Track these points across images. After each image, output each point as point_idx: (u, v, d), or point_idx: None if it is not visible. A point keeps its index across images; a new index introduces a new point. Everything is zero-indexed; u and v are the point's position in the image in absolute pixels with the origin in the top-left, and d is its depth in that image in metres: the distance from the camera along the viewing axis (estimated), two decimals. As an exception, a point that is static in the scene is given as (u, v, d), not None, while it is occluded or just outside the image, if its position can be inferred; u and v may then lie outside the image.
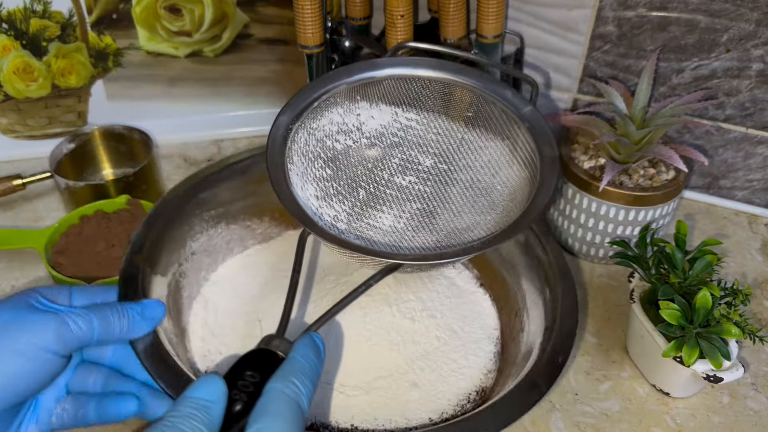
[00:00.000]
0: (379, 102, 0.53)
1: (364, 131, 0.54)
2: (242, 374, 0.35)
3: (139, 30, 0.76)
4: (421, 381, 0.52)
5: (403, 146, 0.54)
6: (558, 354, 0.47)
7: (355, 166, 0.53)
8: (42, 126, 0.80)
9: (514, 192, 0.49)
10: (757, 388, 0.57)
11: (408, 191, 0.54)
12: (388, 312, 0.56)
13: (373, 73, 0.52)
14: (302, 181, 0.49)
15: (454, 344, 0.55)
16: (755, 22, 0.63)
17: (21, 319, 0.39)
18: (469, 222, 0.49)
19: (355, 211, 0.51)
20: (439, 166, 0.53)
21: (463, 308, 0.58)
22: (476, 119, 0.52)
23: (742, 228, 0.72)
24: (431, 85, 0.52)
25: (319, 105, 0.50)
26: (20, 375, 0.39)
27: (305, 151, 0.50)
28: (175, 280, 0.56)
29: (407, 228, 0.51)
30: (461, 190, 0.52)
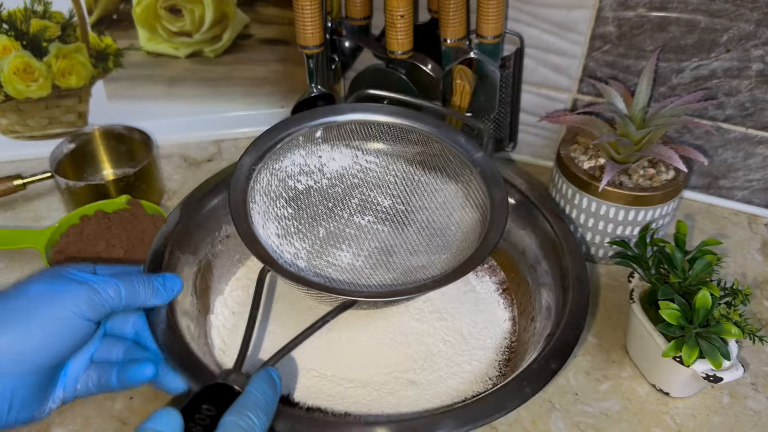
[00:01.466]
0: (340, 145, 0.55)
1: (325, 172, 0.56)
2: (199, 408, 0.36)
3: (140, 30, 0.76)
4: (420, 380, 0.53)
5: (363, 187, 0.56)
6: (552, 361, 0.47)
7: (316, 206, 0.55)
8: (42, 126, 0.80)
9: (467, 233, 0.51)
10: (757, 388, 0.57)
11: (367, 230, 0.56)
12: (397, 311, 0.56)
13: (335, 118, 0.54)
14: (264, 220, 0.51)
15: (460, 348, 0.55)
16: (755, 22, 0.63)
17: (56, 287, 0.43)
18: (425, 261, 0.52)
19: (315, 248, 0.53)
20: (396, 206, 0.56)
21: (476, 315, 0.58)
22: (432, 163, 0.54)
23: (742, 228, 0.72)
24: (390, 131, 0.55)
25: (282, 146, 0.52)
26: (57, 339, 0.43)
27: (267, 190, 0.52)
28: (207, 261, 0.58)
29: (365, 266, 0.53)
30: (417, 230, 0.54)
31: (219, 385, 0.38)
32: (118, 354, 0.50)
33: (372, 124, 0.55)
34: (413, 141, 0.55)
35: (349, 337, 0.55)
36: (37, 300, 0.43)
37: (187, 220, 0.56)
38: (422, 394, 0.52)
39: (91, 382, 0.49)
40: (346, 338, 0.55)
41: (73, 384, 0.48)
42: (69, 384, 0.48)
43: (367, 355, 0.54)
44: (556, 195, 0.67)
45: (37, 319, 0.42)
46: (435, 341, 0.55)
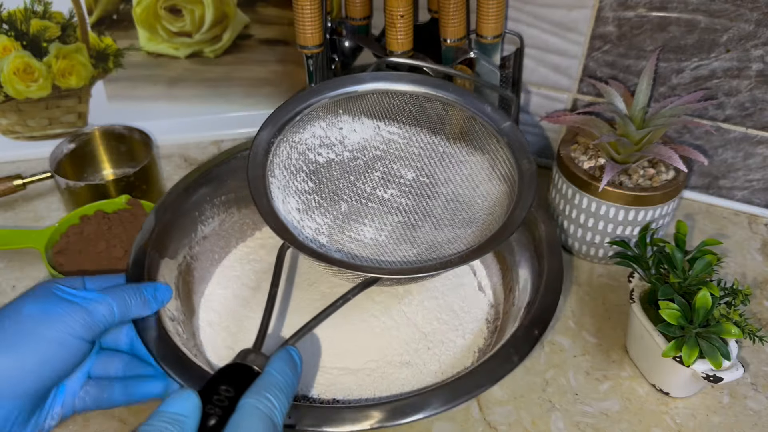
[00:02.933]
0: (362, 116, 0.54)
1: (347, 144, 0.54)
2: (217, 389, 0.35)
3: (140, 31, 0.76)
4: (414, 360, 0.54)
5: (385, 159, 0.54)
6: (535, 327, 0.48)
7: (338, 179, 0.53)
8: (42, 127, 0.80)
9: (494, 206, 0.49)
10: (757, 388, 0.57)
11: (390, 204, 0.54)
12: (386, 297, 0.57)
13: (356, 88, 0.52)
14: (284, 195, 0.49)
15: (453, 324, 0.57)
16: (755, 23, 0.63)
17: (50, 309, 0.43)
18: (450, 235, 0.50)
19: (337, 224, 0.52)
20: (420, 179, 0.54)
21: (462, 289, 0.60)
22: (457, 134, 0.52)
23: (742, 228, 0.72)
24: (413, 100, 0.53)
25: (302, 119, 0.51)
26: (53, 360, 0.43)
27: (287, 164, 0.50)
28: (186, 263, 0.58)
29: (388, 241, 0.52)
30: (442, 204, 0.52)
31: (238, 366, 0.37)
32: (117, 369, 0.50)
33: (394, 94, 0.53)
34: (437, 110, 0.53)
35: (337, 327, 0.55)
36: (30, 321, 0.43)
37: (162, 224, 0.57)
38: (417, 374, 0.53)
39: (90, 397, 0.49)
40: (334, 328, 0.55)
41: (71, 400, 0.48)
42: (67, 400, 0.48)
43: (357, 343, 0.54)
44: (555, 195, 0.67)
45: (32, 341, 0.42)
46: (428, 320, 0.56)
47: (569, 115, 0.66)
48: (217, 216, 0.63)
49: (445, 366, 0.54)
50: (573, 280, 0.66)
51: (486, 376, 0.45)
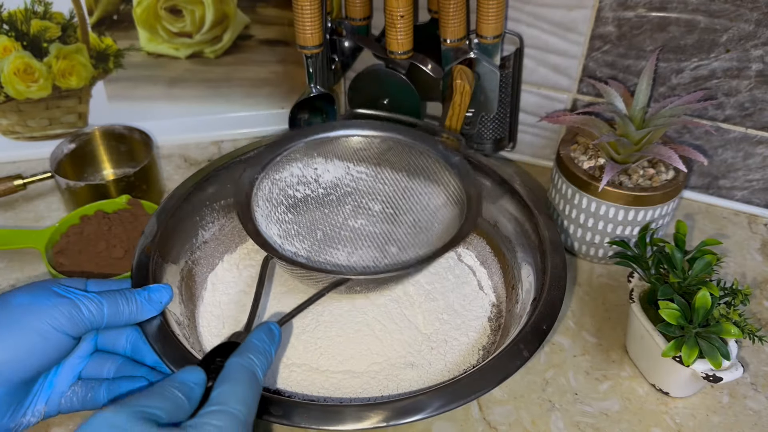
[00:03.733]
0: (333, 158, 0.62)
1: (321, 182, 0.62)
2: (214, 360, 0.43)
3: (140, 31, 0.76)
4: (418, 361, 0.54)
5: (355, 194, 0.63)
6: (543, 322, 0.49)
7: (314, 212, 0.62)
8: (43, 127, 0.80)
9: (448, 227, 0.57)
10: (757, 388, 0.57)
11: (360, 232, 0.62)
12: (386, 302, 0.58)
13: (327, 134, 0.61)
14: (266, 222, 0.57)
15: (455, 323, 0.58)
16: (755, 23, 0.63)
17: (39, 301, 0.44)
18: (413, 255, 0.58)
19: (314, 248, 0.60)
20: (386, 210, 0.62)
21: (463, 288, 0.61)
22: (416, 170, 0.60)
23: (742, 228, 0.72)
24: (377, 143, 0.61)
25: (281, 159, 0.59)
26: (35, 351, 0.44)
27: (269, 197, 0.58)
28: (188, 268, 0.59)
29: (360, 262, 0.59)
30: (405, 230, 0.60)
31: (229, 342, 0.45)
32: (110, 371, 0.50)
33: (360, 137, 0.61)
34: (398, 151, 0.61)
35: (339, 332, 0.56)
36: (17, 311, 0.43)
37: (164, 229, 0.57)
38: (422, 375, 0.54)
39: (77, 398, 0.49)
40: (336, 333, 0.55)
41: (57, 399, 0.49)
42: (53, 399, 0.48)
43: (360, 347, 0.55)
44: (555, 195, 0.67)
45: (17, 330, 0.43)
46: (430, 321, 0.58)
47: (569, 115, 0.66)
48: (217, 221, 0.63)
49: (450, 365, 0.55)
50: (573, 280, 0.66)
51: (497, 372, 0.46)
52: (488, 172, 0.63)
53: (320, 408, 0.44)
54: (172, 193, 0.60)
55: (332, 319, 0.56)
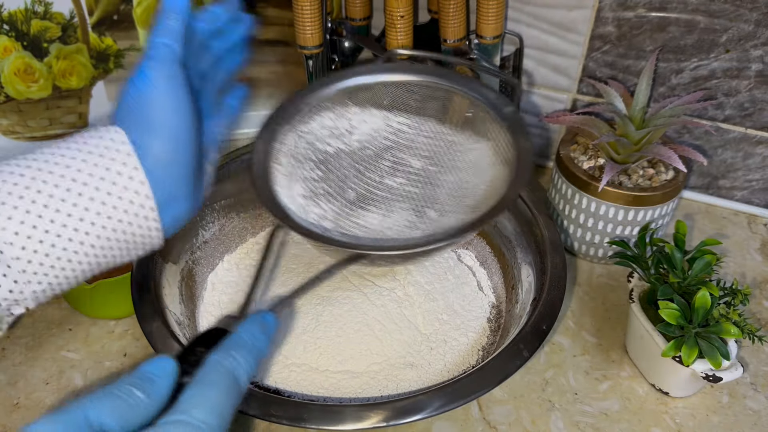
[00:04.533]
0: (370, 107, 0.54)
1: (356, 135, 0.54)
2: (194, 350, 0.37)
3: (140, 31, 0.76)
4: (418, 361, 0.54)
5: (394, 149, 0.55)
6: (543, 322, 0.49)
7: (346, 168, 0.54)
8: (43, 127, 0.80)
9: (495, 190, 0.49)
10: (757, 388, 0.57)
11: (397, 192, 0.54)
12: (385, 301, 0.58)
13: (364, 79, 0.53)
14: (288, 181, 0.50)
15: (455, 323, 0.58)
16: (754, 23, 0.63)
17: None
18: (454, 222, 0.50)
19: (344, 210, 0.52)
20: (428, 168, 0.54)
21: (462, 288, 0.61)
22: (463, 122, 0.53)
23: (742, 228, 0.73)
24: (420, 90, 0.54)
25: (310, 109, 0.52)
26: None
27: (294, 153, 0.51)
28: (189, 268, 0.59)
29: (393, 226, 0.52)
30: (448, 191, 0.53)
31: (215, 329, 0.39)
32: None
33: (402, 84, 0.54)
34: (443, 99, 0.54)
35: (339, 332, 0.55)
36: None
37: None
38: (422, 375, 0.53)
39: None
40: (336, 333, 0.55)
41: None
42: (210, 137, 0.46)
43: (359, 348, 0.55)
44: (555, 195, 0.67)
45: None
46: (429, 321, 0.57)
47: (569, 115, 0.66)
48: (217, 221, 0.63)
49: (450, 365, 0.55)
50: (573, 280, 0.66)
51: (497, 372, 0.46)
52: None
53: (320, 408, 0.44)
54: None
55: (332, 319, 0.56)
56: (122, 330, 0.61)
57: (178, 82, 0.41)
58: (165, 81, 0.41)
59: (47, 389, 0.56)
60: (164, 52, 0.41)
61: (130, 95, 0.41)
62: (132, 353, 0.59)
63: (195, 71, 0.45)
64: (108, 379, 0.56)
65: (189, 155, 0.42)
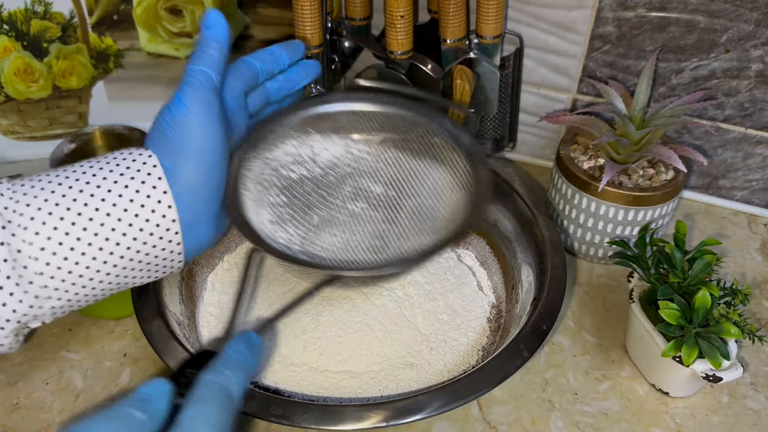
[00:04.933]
0: (332, 135, 0.56)
1: (318, 162, 0.56)
2: (184, 372, 0.38)
3: (140, 31, 0.76)
4: (418, 361, 0.54)
5: (355, 175, 0.57)
6: (543, 322, 0.49)
7: (310, 194, 0.56)
8: (43, 127, 0.80)
9: (455, 213, 0.51)
10: (757, 388, 0.57)
11: (359, 216, 0.56)
12: (385, 302, 0.58)
13: (325, 108, 0.55)
14: (257, 207, 0.51)
15: (455, 323, 0.58)
16: (754, 23, 0.63)
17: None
18: (416, 244, 0.52)
19: (309, 235, 0.54)
20: (388, 193, 0.56)
21: (462, 288, 0.61)
22: (421, 149, 0.55)
23: (742, 228, 0.73)
24: (379, 118, 0.55)
25: (274, 137, 0.53)
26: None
27: (260, 179, 0.52)
28: (188, 267, 0.59)
29: (358, 250, 0.54)
30: (409, 215, 0.54)
31: (204, 351, 0.40)
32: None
33: (361, 114, 0.56)
34: (402, 128, 0.56)
35: (339, 332, 0.56)
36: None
37: None
38: (422, 375, 0.53)
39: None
40: (336, 333, 0.55)
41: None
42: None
43: (359, 348, 0.55)
44: (555, 195, 0.67)
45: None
46: (429, 321, 0.57)
47: (569, 115, 0.66)
48: None
49: (450, 365, 0.55)
50: (573, 280, 0.66)
51: (498, 372, 0.46)
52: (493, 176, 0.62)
53: (320, 408, 0.44)
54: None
55: (332, 319, 0.56)
56: (122, 330, 0.61)
57: (213, 110, 0.43)
58: (200, 108, 0.42)
59: (47, 389, 0.56)
60: (201, 78, 0.43)
61: (165, 120, 0.42)
62: (132, 353, 0.59)
63: (237, 102, 0.48)
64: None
65: (217, 181, 0.43)
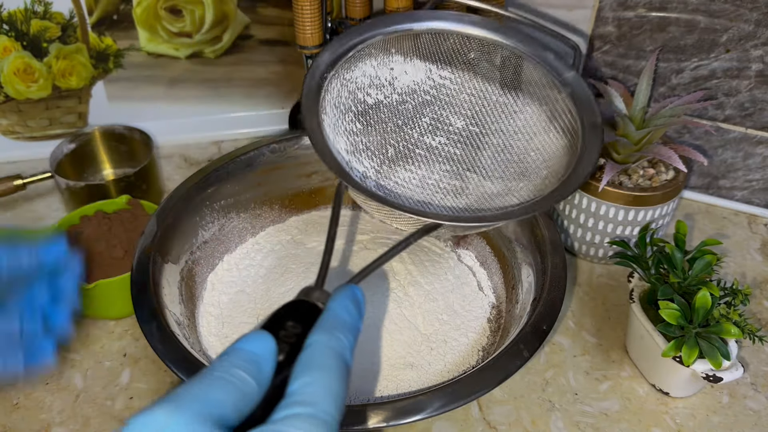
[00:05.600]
0: (414, 57, 0.51)
1: (396, 87, 0.51)
2: (284, 324, 0.32)
3: (140, 31, 0.76)
4: (418, 362, 0.54)
5: (435, 105, 0.52)
6: (543, 322, 0.49)
7: (385, 122, 0.51)
8: (42, 127, 0.80)
9: (549, 160, 0.47)
10: (757, 388, 0.57)
11: (437, 152, 0.52)
12: (385, 302, 0.58)
13: (411, 25, 0.49)
14: (334, 134, 0.47)
15: (455, 324, 0.57)
16: (754, 23, 0.63)
17: None
18: (500, 188, 0.48)
19: (383, 168, 0.50)
20: (470, 128, 0.51)
21: (462, 288, 0.61)
22: (514, 81, 0.50)
23: (742, 228, 0.73)
24: (469, 43, 0.50)
25: (354, 55, 0.48)
26: None
27: (338, 102, 0.48)
28: (188, 268, 0.59)
29: (436, 190, 0.50)
30: (492, 155, 0.50)
31: (302, 302, 0.35)
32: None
33: (451, 35, 0.50)
34: (495, 55, 0.50)
35: None
36: None
37: (164, 229, 0.57)
38: (422, 375, 0.53)
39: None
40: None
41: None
42: None
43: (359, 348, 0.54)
44: (555, 195, 0.67)
45: None
46: (430, 321, 0.57)
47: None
48: (217, 221, 0.63)
49: (450, 365, 0.55)
50: (573, 280, 0.66)
51: (497, 372, 0.46)
52: None
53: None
54: (171, 193, 0.60)
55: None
56: (122, 330, 0.61)
57: None
58: None
59: (47, 389, 0.56)
60: None
61: None
62: (132, 353, 0.59)
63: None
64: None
65: None
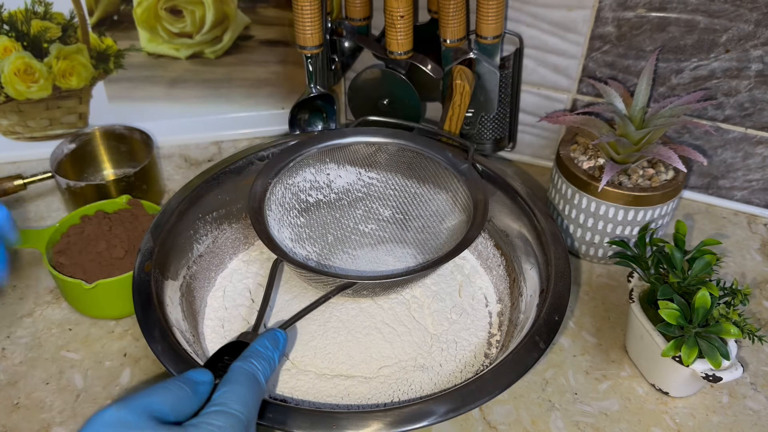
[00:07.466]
0: (346, 164, 0.63)
1: (333, 188, 0.64)
2: (222, 358, 0.45)
3: (140, 31, 0.76)
4: (429, 363, 0.55)
5: (366, 200, 0.65)
6: (554, 313, 0.50)
7: (325, 216, 0.63)
8: (43, 127, 0.80)
9: (455, 233, 0.58)
10: (756, 388, 0.57)
11: (370, 237, 0.64)
12: (394, 305, 0.58)
13: (340, 141, 0.62)
14: (279, 226, 0.58)
15: (464, 323, 0.58)
16: (754, 23, 0.63)
17: None
18: (421, 261, 0.60)
19: (324, 252, 0.62)
20: (395, 216, 0.64)
21: (469, 287, 0.62)
22: (425, 177, 0.62)
23: (741, 228, 0.73)
24: (388, 150, 0.63)
25: (294, 165, 0.60)
26: None
27: (282, 201, 0.60)
28: (186, 283, 0.59)
29: (368, 266, 0.61)
30: (414, 235, 0.62)
31: (238, 342, 0.46)
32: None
33: (372, 145, 0.63)
34: (408, 158, 0.62)
35: (348, 337, 0.55)
36: None
37: (161, 245, 0.56)
38: (434, 377, 0.54)
39: None
40: (345, 338, 0.55)
41: None
42: None
43: (369, 352, 0.55)
44: (555, 195, 0.67)
45: None
46: (439, 321, 0.58)
47: (569, 115, 0.66)
48: (210, 233, 0.63)
49: (461, 365, 0.55)
50: (573, 280, 0.66)
51: (517, 365, 0.46)
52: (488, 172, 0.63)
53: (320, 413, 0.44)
54: (164, 208, 0.59)
55: (340, 324, 0.56)
56: (122, 330, 0.61)
57: None
58: None
59: (47, 389, 0.56)
60: None
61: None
62: (132, 353, 0.59)
63: None
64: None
65: None
